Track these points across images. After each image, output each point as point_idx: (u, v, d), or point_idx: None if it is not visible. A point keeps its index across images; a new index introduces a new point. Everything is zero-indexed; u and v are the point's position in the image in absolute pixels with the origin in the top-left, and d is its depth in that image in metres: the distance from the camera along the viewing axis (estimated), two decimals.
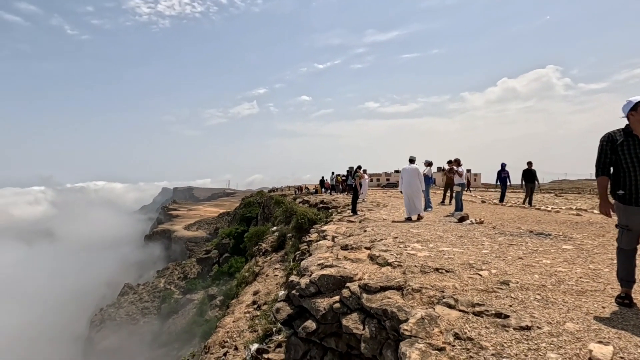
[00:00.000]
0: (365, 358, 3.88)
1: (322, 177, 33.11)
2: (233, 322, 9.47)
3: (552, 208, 11.96)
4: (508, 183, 15.64)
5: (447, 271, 4.02)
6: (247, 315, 9.66)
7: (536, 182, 14.43)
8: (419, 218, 9.32)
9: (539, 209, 11.88)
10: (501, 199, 15.56)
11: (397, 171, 74.10)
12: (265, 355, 6.50)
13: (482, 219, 8.72)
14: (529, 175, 14.30)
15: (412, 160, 9.92)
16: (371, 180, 49.92)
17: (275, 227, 22.96)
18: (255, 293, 11.54)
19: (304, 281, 4.35)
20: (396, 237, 6.30)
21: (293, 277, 4.77)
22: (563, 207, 12.58)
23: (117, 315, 56.44)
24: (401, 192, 9.92)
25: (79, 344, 55.65)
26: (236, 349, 7.83)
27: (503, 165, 15.35)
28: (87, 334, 56.09)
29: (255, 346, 6.94)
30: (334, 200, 20.29)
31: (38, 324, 66.46)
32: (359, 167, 15.47)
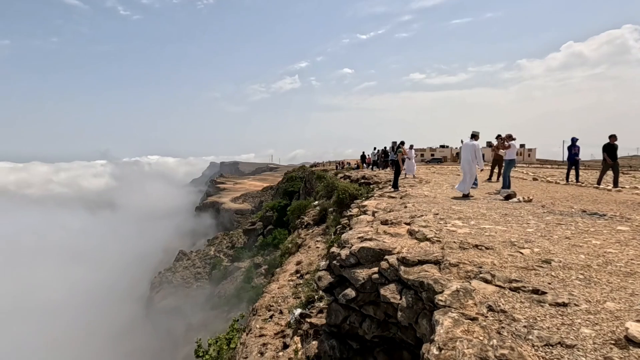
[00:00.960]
0: (402, 326, 4.12)
1: (363, 153, 32.90)
2: (278, 288, 10.14)
3: (612, 187, 11.06)
4: (578, 159, 13.70)
5: (486, 248, 4.05)
6: (291, 283, 10.28)
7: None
8: (466, 196, 9.10)
9: (597, 187, 11.06)
10: (576, 178, 13.67)
11: (442, 146, 70.93)
12: (308, 320, 7.00)
13: (531, 197, 8.37)
14: (612, 150, 12.14)
15: (473, 136, 9.41)
16: (415, 156, 48.54)
17: (317, 202, 23.51)
18: (298, 263, 12.16)
19: (344, 252, 4.61)
20: (437, 214, 6.31)
21: (334, 249, 5.04)
22: (627, 186, 11.58)
23: (173, 278, 61.87)
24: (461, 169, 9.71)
25: (142, 302, 62.10)
26: (281, 312, 8.46)
27: (574, 140, 13.56)
28: (148, 294, 62.34)
29: (298, 311, 7.47)
30: (375, 175, 20.24)
31: (106, 283, 74.97)
32: (402, 143, 15.22)
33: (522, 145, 60.80)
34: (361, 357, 4.84)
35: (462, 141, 13.22)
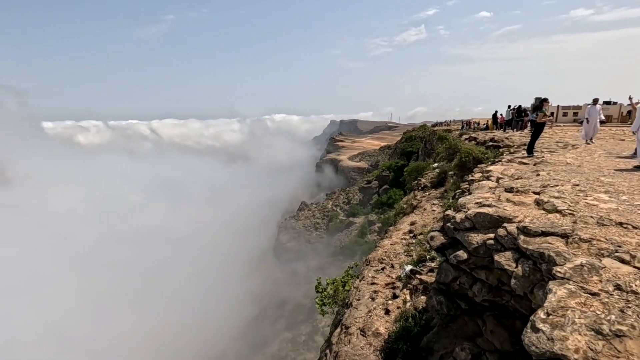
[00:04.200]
0: (516, 295, 4.06)
1: (496, 112, 29.22)
2: (390, 244, 10.64)
3: None
4: None
5: (634, 227, 3.53)
6: (404, 241, 10.63)
7: None
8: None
9: None
10: None
11: (607, 102, 56.38)
12: (418, 276, 7.32)
13: None
14: None
15: None
16: (565, 115, 40.42)
17: (436, 164, 22.56)
18: (412, 224, 12.33)
19: (459, 216, 4.64)
20: (577, 185, 5.55)
21: (449, 212, 5.10)
22: None
23: (296, 225, 69.42)
24: (633, 132, 8.10)
25: (270, 241, 72.12)
26: (392, 266, 8.99)
27: None
28: (276, 235, 71.90)
29: (409, 267, 7.84)
30: (507, 138, 18.07)
31: (242, 221, 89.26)
32: (545, 100, 13.02)
33: None
34: (469, 317, 4.98)
35: (630, 98, 10.65)
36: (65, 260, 69.85)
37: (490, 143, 17.52)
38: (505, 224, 4.09)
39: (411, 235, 10.91)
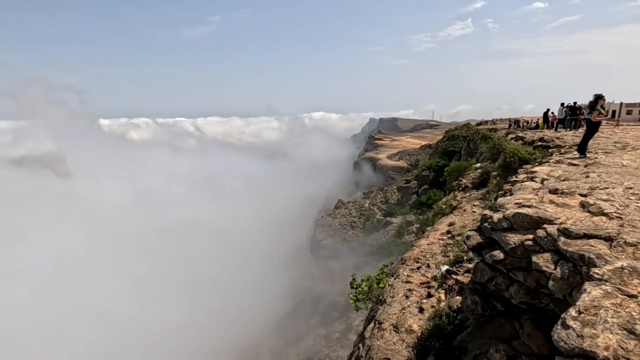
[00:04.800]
0: (556, 298, 3.98)
1: (547, 110, 27.46)
2: (427, 244, 10.53)
3: None
4: None
5: None
6: (441, 241, 10.48)
7: None
8: None
9: None
10: None
11: None
12: (454, 276, 7.25)
13: None
14: None
15: None
16: (629, 113, 36.98)
17: (479, 164, 21.73)
18: (451, 224, 12.08)
19: (497, 216, 4.59)
20: (630, 188, 5.23)
21: (487, 212, 5.04)
22: None
23: (332, 223, 69.73)
24: None
25: (307, 237, 73.12)
26: (428, 266, 8.92)
27: None
28: (312, 232, 72.76)
29: (445, 267, 7.77)
30: (558, 138, 17.00)
31: (279, 217, 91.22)
32: (600, 97, 12.10)
33: None
34: (505, 319, 4.90)
35: None
36: (111, 247, 75.59)
37: (539, 143, 16.60)
38: (545, 225, 4.01)
39: (449, 236, 10.72)
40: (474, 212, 13.14)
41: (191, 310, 56.57)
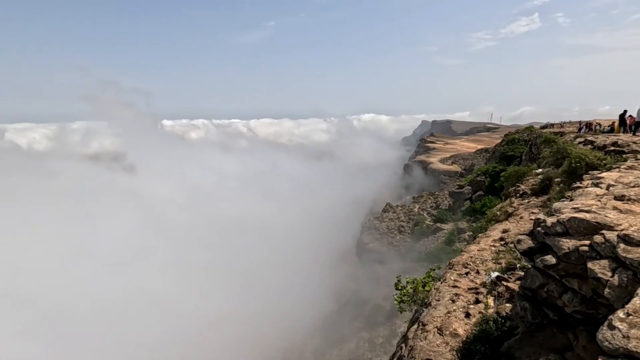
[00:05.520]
0: (614, 309, 3.77)
1: (624, 111, 24.72)
2: (477, 250, 10.17)
3: None
4: None
5: None
6: (493, 248, 10.06)
7: None
8: None
9: None
10: None
11: None
12: (505, 283, 6.99)
13: None
14: None
15: None
16: None
17: (540, 169, 20.28)
18: (505, 231, 11.51)
19: (550, 220, 4.43)
20: None
21: (540, 215, 4.86)
22: None
23: (379, 226, 68.79)
24: None
25: (353, 240, 72.92)
26: (477, 272, 8.65)
27: None
28: (359, 234, 72.41)
29: (495, 273, 7.51)
30: (635, 142, 15.34)
31: (326, 218, 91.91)
32: None
33: None
34: (558, 329, 4.68)
35: None
36: (164, 238, 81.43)
37: (612, 148, 15.11)
38: (603, 231, 3.81)
39: (502, 243, 10.24)
40: (531, 219, 12.37)
41: (237, 303, 59.01)
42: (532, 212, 13.04)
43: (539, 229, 4.61)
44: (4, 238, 69.87)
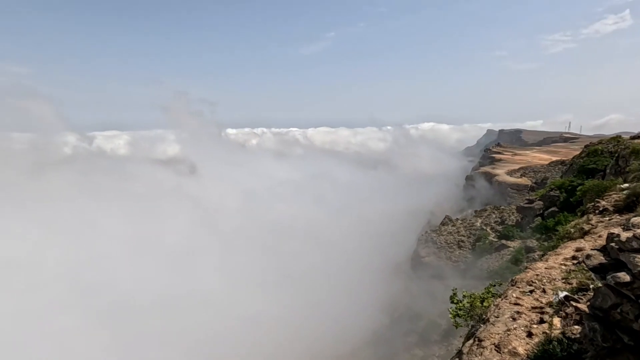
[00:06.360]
0: None
1: None
2: (545, 268, 9.42)
3: None
4: None
5: None
6: (563, 267, 9.25)
7: None
8: None
9: None
10: None
11: None
12: (574, 304, 6.44)
13: None
14: None
15: None
16: None
17: (626, 184, 18.02)
18: (579, 250, 10.49)
19: (625, 235, 4.08)
20: None
21: (614, 230, 4.48)
22: None
23: (437, 240, 65.71)
24: None
25: (409, 252, 70.48)
26: (544, 291, 8.02)
27: None
28: (414, 247, 69.86)
29: (564, 293, 6.94)
30: None
31: (380, 228, 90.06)
32: None
33: None
34: (635, 355, 4.24)
35: None
36: (219, 239, 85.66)
37: None
38: None
39: (574, 262, 9.36)
40: None
41: (286, 306, 59.79)
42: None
43: (613, 244, 4.26)
44: (84, 230, 79.56)
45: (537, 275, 8.99)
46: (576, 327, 5.85)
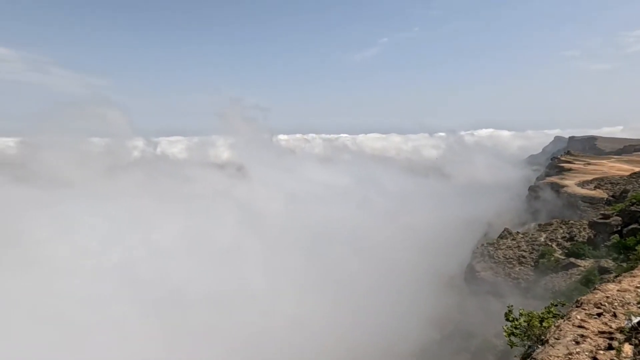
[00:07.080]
0: None
1: None
2: (617, 290, 8.51)
3: None
4: None
5: None
6: (639, 290, 8.30)
7: None
8: None
9: None
10: None
11: None
12: None
13: None
14: None
15: None
16: None
17: None
18: None
19: None
20: None
21: None
22: None
23: (495, 254, 61.53)
24: None
25: (462, 266, 66.81)
26: (614, 315, 7.27)
27: None
28: (469, 260, 66.07)
29: (638, 318, 6.25)
30: None
31: (430, 238, 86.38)
32: None
33: None
34: None
35: None
36: (264, 241, 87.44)
37: None
38: None
39: None
40: None
41: (329, 313, 59.05)
42: None
43: None
44: (145, 227, 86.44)
45: (608, 297, 8.16)
46: None
